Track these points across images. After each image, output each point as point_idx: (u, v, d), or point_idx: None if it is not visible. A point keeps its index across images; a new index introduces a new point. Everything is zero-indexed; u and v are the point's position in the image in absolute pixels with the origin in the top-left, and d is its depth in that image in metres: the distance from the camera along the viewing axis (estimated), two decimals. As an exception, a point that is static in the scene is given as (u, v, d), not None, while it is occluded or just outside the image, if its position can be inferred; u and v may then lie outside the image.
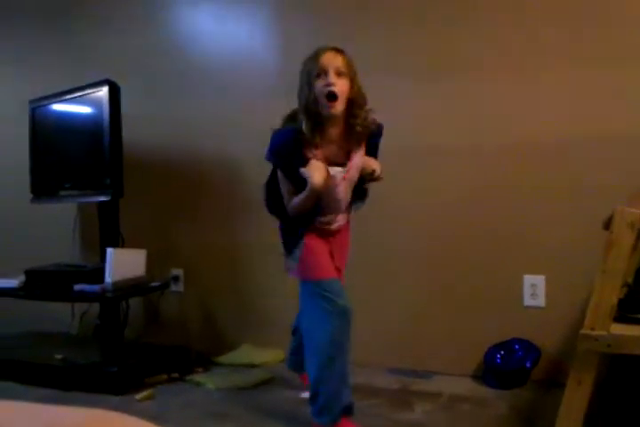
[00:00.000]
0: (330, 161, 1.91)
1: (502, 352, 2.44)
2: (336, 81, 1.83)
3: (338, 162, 1.94)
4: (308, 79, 1.86)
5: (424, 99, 2.62)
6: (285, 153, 1.90)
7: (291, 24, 2.88)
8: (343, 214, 2.06)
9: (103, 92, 2.75)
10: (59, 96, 3.01)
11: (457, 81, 2.55)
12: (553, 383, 2.32)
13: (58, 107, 3.08)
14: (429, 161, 2.61)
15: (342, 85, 1.84)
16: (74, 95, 2.93)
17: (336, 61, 1.85)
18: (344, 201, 2.02)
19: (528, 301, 2.47)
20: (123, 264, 2.70)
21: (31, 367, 2.64)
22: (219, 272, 3.05)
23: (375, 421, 2.06)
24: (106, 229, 2.94)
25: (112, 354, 2.77)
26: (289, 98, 1.93)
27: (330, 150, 1.92)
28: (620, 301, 1.64)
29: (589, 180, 2.36)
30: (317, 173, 1.83)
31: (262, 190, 2.08)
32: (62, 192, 3.07)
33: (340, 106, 1.85)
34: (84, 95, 2.87)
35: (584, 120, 2.37)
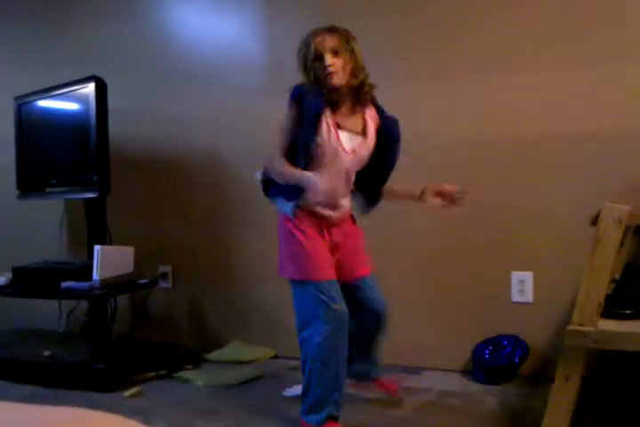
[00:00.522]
0: (340, 127, 1.90)
1: (491, 348, 2.45)
2: (333, 61, 1.84)
3: (351, 129, 1.93)
4: (306, 62, 1.87)
5: (424, 99, 2.61)
6: (311, 95, 1.84)
7: (279, 20, 2.86)
8: (345, 198, 2.00)
9: (89, 88, 2.73)
10: (45, 92, 2.99)
11: (457, 81, 2.55)
12: (541, 379, 2.33)
13: (44, 103, 3.06)
14: (415, 159, 2.60)
15: (341, 63, 1.85)
16: (60, 91, 2.91)
17: (330, 42, 1.85)
18: (349, 175, 1.96)
19: (516, 297, 2.48)
20: (110, 261, 2.69)
21: (19, 365, 2.62)
22: (207, 269, 3.04)
23: (365, 416, 2.07)
24: (93, 226, 2.93)
25: (100, 351, 2.75)
26: (277, 95, 1.92)
27: (341, 116, 1.90)
28: (608, 297, 1.65)
29: (577, 176, 2.37)
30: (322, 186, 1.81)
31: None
32: (49, 189, 3.05)
33: (340, 78, 1.85)
34: (71, 91, 2.85)
35: (576, 119, 2.37)
